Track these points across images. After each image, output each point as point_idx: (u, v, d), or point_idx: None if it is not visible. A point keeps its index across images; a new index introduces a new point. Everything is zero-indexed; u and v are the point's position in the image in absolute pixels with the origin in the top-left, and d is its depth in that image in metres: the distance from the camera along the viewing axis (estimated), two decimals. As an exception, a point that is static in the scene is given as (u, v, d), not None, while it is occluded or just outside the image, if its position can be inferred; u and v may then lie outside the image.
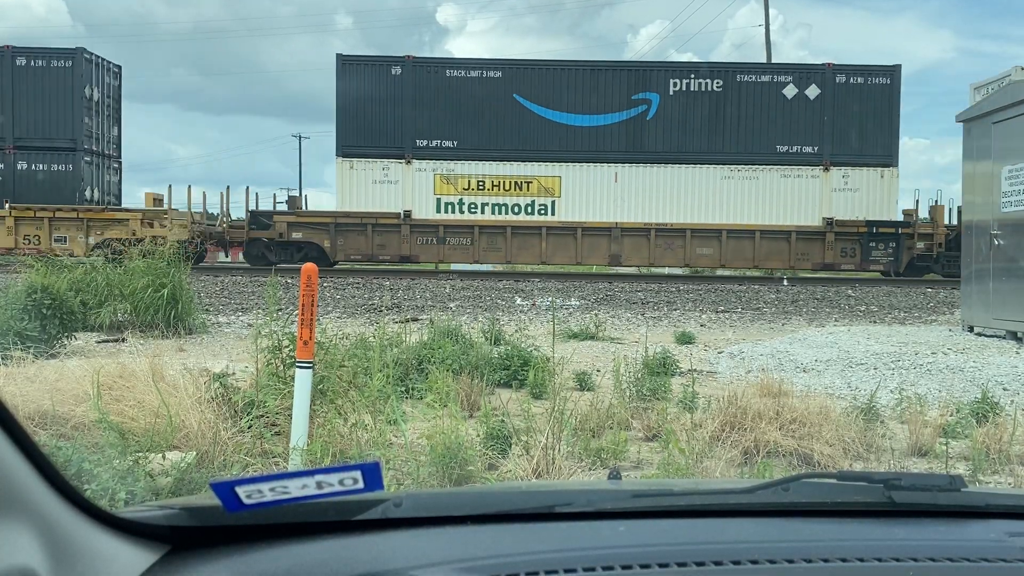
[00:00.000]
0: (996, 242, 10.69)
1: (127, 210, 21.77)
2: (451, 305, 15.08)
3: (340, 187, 21.29)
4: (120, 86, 23.75)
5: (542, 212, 21.19)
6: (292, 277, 15.72)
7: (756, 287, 18.59)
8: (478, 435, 4.91)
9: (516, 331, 9.32)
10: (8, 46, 21.46)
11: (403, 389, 6.43)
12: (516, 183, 21.15)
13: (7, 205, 20.83)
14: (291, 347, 4.72)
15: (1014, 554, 1.25)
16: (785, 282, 19.67)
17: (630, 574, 1.14)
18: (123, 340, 9.73)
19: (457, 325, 9.23)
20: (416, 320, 12.19)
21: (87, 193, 21.87)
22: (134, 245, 20.55)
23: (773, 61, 30.98)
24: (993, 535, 1.32)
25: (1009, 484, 4.73)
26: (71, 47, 21.81)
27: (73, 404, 4.94)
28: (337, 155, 21.30)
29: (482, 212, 21.19)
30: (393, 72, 21.21)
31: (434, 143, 21.20)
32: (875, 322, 13.96)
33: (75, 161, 21.41)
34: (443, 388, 5.38)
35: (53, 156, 21.35)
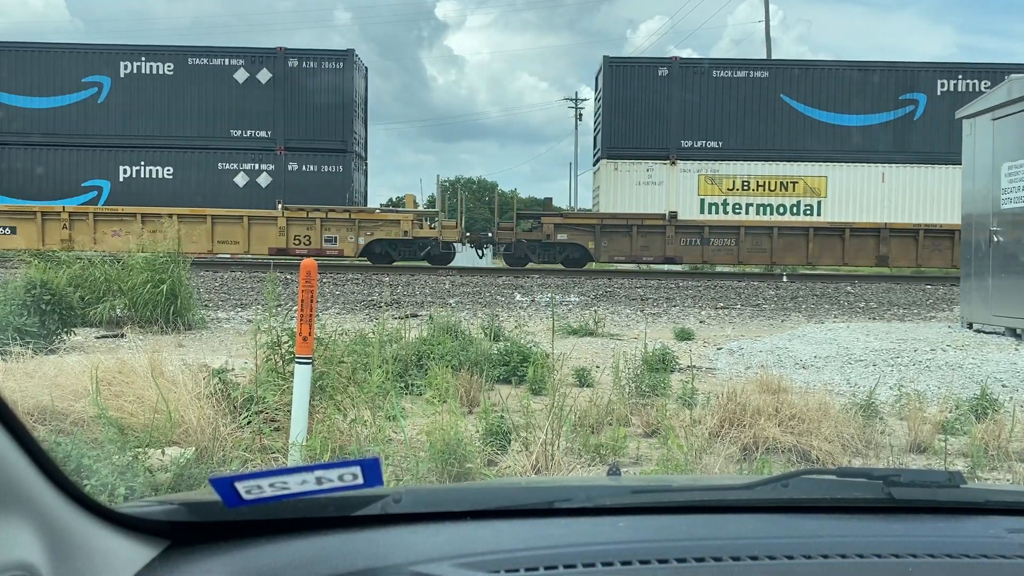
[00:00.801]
0: (995, 239, 10.69)
1: (398, 211, 21.79)
2: (451, 301, 15.08)
3: (604, 189, 21.41)
4: (367, 87, 23.67)
5: (807, 212, 21.10)
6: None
7: (755, 283, 18.60)
8: (477, 431, 4.91)
9: (516, 327, 9.32)
10: (281, 48, 21.33)
11: (402, 385, 6.43)
12: (781, 183, 21.10)
13: (280, 206, 20.79)
14: (290, 343, 4.72)
15: (1013, 550, 1.25)
16: (784, 278, 19.68)
17: (630, 570, 1.14)
18: (122, 336, 9.72)
19: (457, 321, 9.23)
20: (416, 316, 12.19)
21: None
22: (404, 246, 20.82)
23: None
24: (992, 531, 1.32)
25: (1008, 480, 4.73)
26: (342, 48, 21.62)
27: (72, 400, 4.94)
28: (602, 157, 21.42)
29: (746, 213, 21.14)
30: (660, 73, 21.31)
31: (699, 144, 21.21)
32: (874, 319, 13.96)
33: (345, 162, 21.33)
34: (442, 384, 5.38)
35: (323, 157, 21.19)
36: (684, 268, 22.83)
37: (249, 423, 4.53)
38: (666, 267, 22.05)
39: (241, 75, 21.22)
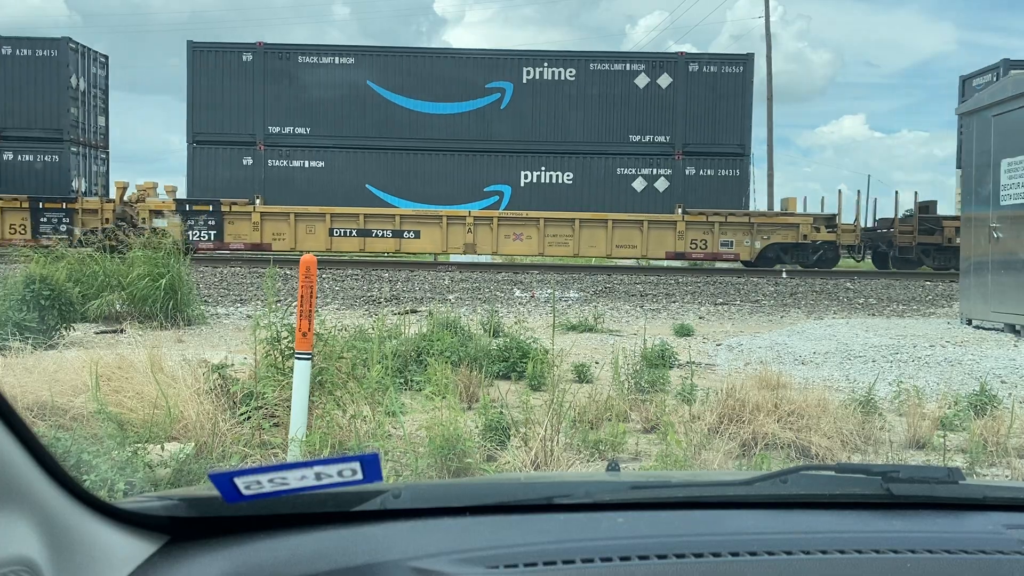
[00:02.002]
0: (995, 235, 10.69)
1: (797, 215, 21.66)
2: (450, 297, 15.08)
3: None
4: None
5: None
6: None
7: (755, 280, 18.60)
8: (477, 427, 4.91)
9: (515, 323, 9.31)
10: (682, 52, 21.39)
11: (402, 381, 6.43)
12: None
13: (679, 210, 20.75)
14: (290, 338, 4.72)
15: (1012, 546, 1.25)
16: (784, 275, 19.68)
17: (628, 566, 1.14)
18: (122, 331, 9.72)
19: (456, 317, 9.22)
20: (415, 312, 12.18)
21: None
22: (796, 250, 20.90)
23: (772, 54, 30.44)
24: (991, 527, 1.33)
25: (1007, 476, 4.74)
26: (742, 53, 21.92)
27: (72, 395, 4.94)
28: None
29: None
30: None
31: None
32: (873, 315, 13.97)
33: (742, 166, 21.33)
34: (442, 380, 5.38)
35: (721, 161, 21.20)
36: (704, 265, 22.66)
37: (248, 419, 4.53)
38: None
39: (642, 80, 21.18)
